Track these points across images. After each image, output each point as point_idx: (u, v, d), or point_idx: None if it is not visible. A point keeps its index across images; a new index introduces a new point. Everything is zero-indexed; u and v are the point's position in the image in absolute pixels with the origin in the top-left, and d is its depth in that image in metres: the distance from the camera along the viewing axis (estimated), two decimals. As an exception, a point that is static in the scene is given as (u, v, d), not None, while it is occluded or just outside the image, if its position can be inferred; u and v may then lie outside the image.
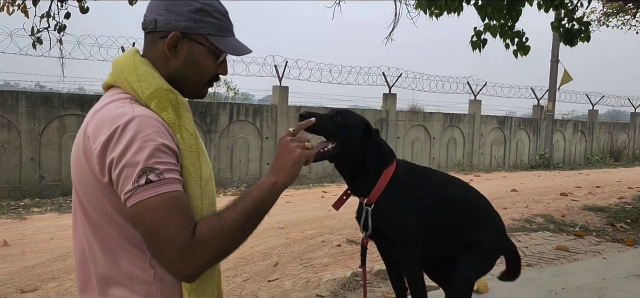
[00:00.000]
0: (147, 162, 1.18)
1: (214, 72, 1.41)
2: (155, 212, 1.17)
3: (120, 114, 1.23)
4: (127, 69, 1.32)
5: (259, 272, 5.12)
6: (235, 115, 13.07)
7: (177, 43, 1.33)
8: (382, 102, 16.02)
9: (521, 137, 19.32)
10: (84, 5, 7.71)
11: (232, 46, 1.40)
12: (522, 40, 6.56)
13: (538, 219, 8.01)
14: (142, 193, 1.17)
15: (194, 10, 1.33)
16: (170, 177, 1.20)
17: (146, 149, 1.19)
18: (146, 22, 1.36)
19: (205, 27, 1.35)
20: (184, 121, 1.33)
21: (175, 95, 1.33)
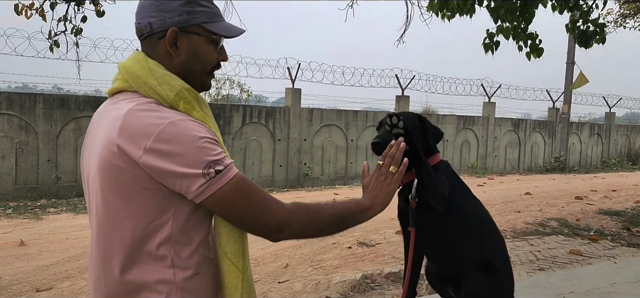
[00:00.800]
0: (208, 156, 1.25)
1: (215, 60, 1.44)
2: (238, 195, 1.28)
3: (160, 116, 1.25)
4: (144, 74, 1.34)
5: (270, 273, 5.15)
6: (248, 117, 13.14)
7: (176, 39, 1.35)
8: (395, 104, 15.99)
9: (536, 140, 19.13)
10: (100, 9, 7.83)
11: (227, 29, 1.43)
12: (536, 42, 6.51)
13: (552, 223, 7.93)
14: (216, 183, 1.25)
15: (184, 3, 1.35)
16: (230, 163, 1.29)
17: (202, 145, 1.25)
18: (141, 28, 1.38)
19: (199, 16, 1.37)
20: (209, 120, 1.38)
21: (195, 93, 1.37)
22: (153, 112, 1.27)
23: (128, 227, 1.28)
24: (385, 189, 1.57)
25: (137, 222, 1.28)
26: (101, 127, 1.33)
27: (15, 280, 4.97)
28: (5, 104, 10.10)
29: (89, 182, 1.38)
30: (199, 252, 1.35)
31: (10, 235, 6.63)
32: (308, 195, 10.47)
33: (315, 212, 1.40)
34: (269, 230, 1.34)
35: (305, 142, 13.85)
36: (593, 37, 7.07)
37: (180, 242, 1.31)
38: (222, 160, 1.27)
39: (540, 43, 6.58)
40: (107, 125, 1.30)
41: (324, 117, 14.32)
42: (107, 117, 1.32)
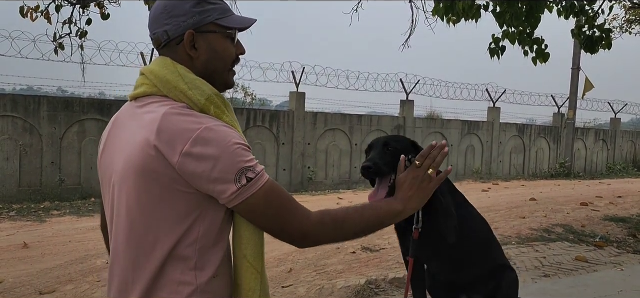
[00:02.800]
0: (242, 163, 1.26)
1: (234, 54, 1.45)
2: (268, 202, 1.30)
3: (196, 121, 1.27)
4: (174, 78, 1.35)
5: (273, 278, 5.12)
6: (252, 120, 13.13)
7: (193, 41, 1.37)
8: (400, 108, 15.96)
9: (541, 145, 19.06)
10: (105, 11, 7.84)
11: (240, 21, 1.45)
12: (541, 47, 6.49)
13: (557, 229, 7.88)
14: (248, 191, 1.27)
15: (194, 4, 1.37)
16: (261, 169, 1.31)
17: (236, 151, 1.26)
18: (157, 37, 1.39)
19: (211, 14, 1.39)
20: (236, 125, 1.39)
21: (223, 98, 1.39)
22: (189, 116, 1.29)
23: (162, 229, 1.30)
24: (421, 193, 1.55)
25: (171, 223, 1.29)
26: (130, 129, 1.34)
27: (18, 282, 4.96)
28: (10, 105, 10.13)
29: (112, 184, 1.37)
30: (220, 254, 1.36)
31: (14, 238, 6.63)
32: (312, 200, 10.44)
33: (343, 221, 1.41)
34: (292, 238, 1.36)
35: (309, 146, 13.83)
36: (599, 42, 7.04)
37: (205, 245, 1.33)
38: (254, 168, 1.28)
39: (546, 48, 6.56)
40: (141, 127, 1.30)
41: (328, 121, 14.30)
42: (139, 120, 1.33)
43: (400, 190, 1.55)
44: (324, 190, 12.97)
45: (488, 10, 6.26)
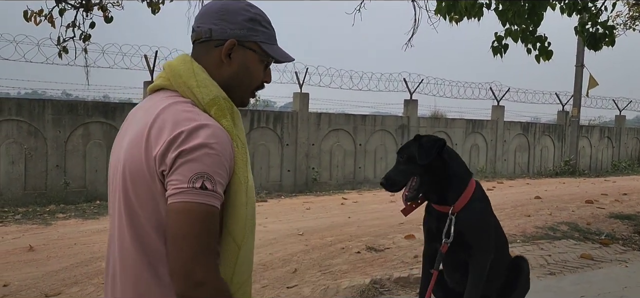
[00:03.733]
0: (209, 169, 1.22)
1: (261, 79, 1.48)
2: (195, 219, 1.20)
3: (188, 117, 1.27)
4: (186, 74, 1.36)
5: (278, 279, 5.12)
6: (256, 122, 13.15)
7: (231, 50, 1.39)
8: (404, 108, 15.94)
9: (546, 144, 18.99)
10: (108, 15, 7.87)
11: (280, 53, 1.48)
12: (545, 45, 6.47)
13: (562, 227, 7.85)
14: (194, 196, 1.20)
15: (247, 19, 1.40)
16: (219, 193, 1.24)
17: (212, 157, 1.23)
18: (200, 32, 1.40)
19: (258, 35, 1.42)
20: (239, 131, 1.39)
21: (230, 104, 1.38)
22: (188, 112, 1.29)
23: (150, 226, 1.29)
24: None
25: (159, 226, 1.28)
26: (137, 120, 1.36)
27: (24, 285, 4.99)
28: (15, 110, 10.18)
29: (116, 177, 1.37)
30: None
31: (19, 241, 6.66)
32: (316, 200, 10.45)
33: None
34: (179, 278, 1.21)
35: (313, 146, 13.84)
36: (602, 39, 7.02)
37: None
38: (215, 182, 1.22)
39: (549, 45, 6.54)
40: (142, 117, 1.33)
41: (332, 121, 14.30)
42: (145, 111, 1.35)
43: None
44: (329, 191, 12.96)
45: (490, 8, 6.25)
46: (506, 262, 2.79)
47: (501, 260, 2.72)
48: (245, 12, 1.40)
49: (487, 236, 2.56)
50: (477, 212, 2.52)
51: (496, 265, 2.63)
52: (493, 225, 2.64)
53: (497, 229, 2.71)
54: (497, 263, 2.64)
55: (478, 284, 2.54)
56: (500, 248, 2.70)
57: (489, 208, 2.65)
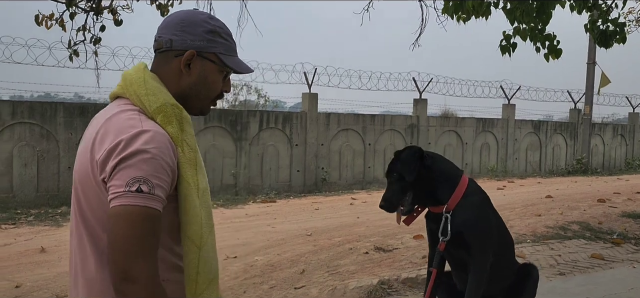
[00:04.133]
0: (145, 173, 1.26)
1: (220, 89, 1.52)
2: (133, 221, 1.24)
3: (130, 125, 1.31)
4: (136, 83, 1.41)
5: (286, 279, 5.14)
6: (265, 122, 13.18)
7: (191, 61, 1.44)
8: (413, 107, 15.90)
9: (557, 142, 18.83)
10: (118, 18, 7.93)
11: (238, 64, 1.52)
12: (554, 43, 6.40)
13: (573, 226, 7.78)
14: (130, 199, 1.24)
15: (207, 31, 1.45)
16: (158, 195, 1.27)
17: (149, 161, 1.27)
18: (161, 42, 1.46)
19: (217, 47, 1.47)
20: (187, 135, 1.40)
21: (180, 110, 1.41)
22: (130, 120, 1.33)
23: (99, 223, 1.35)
24: None
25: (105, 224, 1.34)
26: (92, 126, 1.43)
27: (36, 286, 5.05)
28: (27, 113, 10.31)
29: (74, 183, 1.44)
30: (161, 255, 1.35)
31: (32, 242, 6.75)
32: (325, 200, 10.45)
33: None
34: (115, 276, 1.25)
35: (322, 146, 13.84)
36: (613, 36, 6.93)
37: None
38: (153, 185, 1.26)
39: (558, 44, 6.47)
40: (95, 124, 1.40)
41: (341, 121, 14.30)
42: (99, 116, 1.42)
43: None
44: (338, 191, 12.96)
45: (498, 7, 6.20)
46: (512, 262, 2.77)
47: (505, 258, 2.70)
48: (205, 24, 1.46)
49: (486, 232, 2.54)
50: (473, 207, 2.52)
51: (500, 264, 2.62)
52: (492, 218, 2.62)
53: (499, 226, 2.69)
54: (501, 262, 2.63)
55: (479, 284, 2.53)
56: (503, 244, 2.68)
57: (486, 202, 2.62)
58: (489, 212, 2.60)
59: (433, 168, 2.55)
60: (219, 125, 12.56)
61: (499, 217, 2.71)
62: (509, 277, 2.73)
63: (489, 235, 2.54)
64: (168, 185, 1.31)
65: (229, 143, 12.67)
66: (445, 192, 2.53)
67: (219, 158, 12.51)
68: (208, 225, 1.42)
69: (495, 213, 2.67)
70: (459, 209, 2.50)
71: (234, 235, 6.92)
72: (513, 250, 2.81)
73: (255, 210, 9.30)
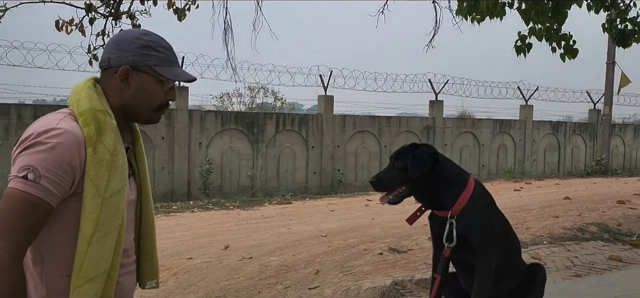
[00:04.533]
0: (38, 163, 1.38)
1: (163, 99, 1.62)
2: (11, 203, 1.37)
3: (46, 123, 1.45)
4: (75, 92, 1.55)
5: (300, 280, 5.18)
6: (282, 125, 13.27)
7: (128, 75, 1.56)
8: (429, 109, 15.85)
9: (577, 143, 18.59)
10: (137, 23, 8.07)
11: (175, 74, 1.61)
12: (570, 43, 6.36)
13: (591, 228, 7.69)
14: (15, 182, 1.38)
15: (140, 46, 1.56)
16: (44, 185, 1.38)
17: (44, 153, 1.39)
18: (102, 60, 1.60)
19: (151, 60, 1.57)
20: (105, 138, 1.48)
21: (104, 116, 1.51)
22: (49, 119, 1.46)
23: None
24: None
25: None
26: None
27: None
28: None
29: None
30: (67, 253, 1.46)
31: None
32: (341, 202, 10.48)
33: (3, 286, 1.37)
34: None
35: (338, 148, 13.88)
36: (632, 36, 6.86)
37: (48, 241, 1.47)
38: (38, 174, 1.37)
39: (574, 44, 6.42)
40: None
41: (356, 123, 14.32)
42: None
43: None
44: (354, 192, 12.98)
45: (513, 7, 6.18)
46: (518, 263, 2.76)
47: (511, 258, 2.70)
48: (138, 40, 1.56)
49: (490, 235, 2.53)
50: (478, 212, 2.50)
51: (506, 265, 2.62)
52: (498, 222, 2.60)
53: (503, 228, 2.68)
54: (507, 263, 2.63)
55: (484, 285, 2.53)
56: (507, 245, 2.68)
57: (492, 207, 2.60)
58: (493, 215, 2.58)
59: (441, 174, 2.53)
60: (236, 127, 12.68)
61: (505, 219, 2.71)
62: (516, 277, 2.73)
63: (493, 237, 2.53)
64: (65, 180, 1.41)
65: (246, 145, 12.78)
66: (450, 197, 2.51)
67: (235, 160, 12.63)
68: (107, 225, 1.48)
69: (500, 215, 2.66)
70: (463, 215, 2.47)
71: (250, 236, 6.99)
72: (519, 251, 2.80)
73: (271, 212, 9.37)
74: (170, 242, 6.49)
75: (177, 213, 9.29)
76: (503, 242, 2.61)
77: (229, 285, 4.97)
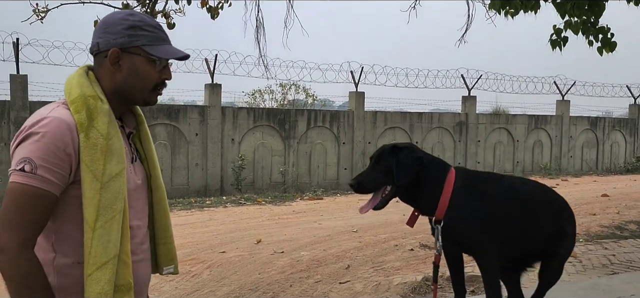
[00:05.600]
0: (32, 154, 1.40)
1: (158, 78, 1.60)
2: (13, 196, 1.40)
3: (38, 113, 1.48)
4: (67, 82, 1.57)
5: (331, 274, 5.23)
6: (313, 121, 13.33)
7: (118, 58, 1.54)
8: (461, 105, 15.65)
9: (616, 139, 18.04)
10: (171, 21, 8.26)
11: (165, 52, 1.59)
12: (607, 37, 6.18)
13: (630, 226, 7.50)
14: (14, 177, 1.40)
15: (127, 27, 1.54)
16: (42, 175, 1.40)
17: (35, 143, 1.41)
18: (92, 47, 1.59)
19: (139, 40, 1.54)
20: (97, 123, 1.48)
21: (95, 101, 1.51)
22: (43, 109, 1.49)
23: None
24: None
25: None
26: None
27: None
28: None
29: None
30: (76, 241, 1.48)
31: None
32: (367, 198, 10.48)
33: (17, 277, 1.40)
34: None
35: (369, 145, 13.86)
36: (674, 28, 6.62)
37: (56, 230, 1.49)
38: (34, 164, 1.39)
39: (612, 37, 6.24)
40: None
41: (387, 119, 14.27)
42: None
43: None
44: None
45: (548, 1, 6.06)
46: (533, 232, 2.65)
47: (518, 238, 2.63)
48: (124, 22, 1.54)
49: (480, 229, 2.39)
50: (461, 210, 2.37)
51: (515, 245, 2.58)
52: (485, 210, 2.42)
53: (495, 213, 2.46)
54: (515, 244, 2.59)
55: (492, 276, 2.47)
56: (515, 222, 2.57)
57: (474, 196, 2.43)
58: (480, 206, 2.43)
59: (420, 177, 2.41)
60: (268, 123, 12.81)
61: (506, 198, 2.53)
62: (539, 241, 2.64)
63: (485, 230, 2.41)
64: (62, 167, 1.43)
65: (278, 141, 12.90)
66: (432, 200, 2.40)
67: (268, 156, 12.77)
68: (109, 210, 1.47)
69: (492, 199, 2.48)
70: (447, 218, 2.38)
71: (281, 231, 7.08)
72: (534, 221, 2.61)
73: (302, 207, 9.45)
74: (205, 236, 6.63)
75: (210, 208, 9.48)
76: (501, 226, 2.47)
77: (261, 279, 5.06)
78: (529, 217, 2.61)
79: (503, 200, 2.55)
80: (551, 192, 2.81)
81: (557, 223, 2.66)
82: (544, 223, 2.65)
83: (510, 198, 2.58)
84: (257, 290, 4.76)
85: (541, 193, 2.74)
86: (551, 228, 2.65)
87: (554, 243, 2.64)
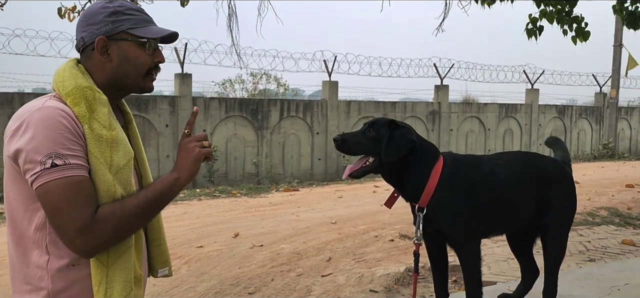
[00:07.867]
0: (54, 147, 1.32)
1: (150, 62, 1.55)
2: (59, 193, 1.32)
3: (32, 105, 1.40)
4: (58, 74, 1.50)
5: (313, 267, 5.16)
6: (286, 111, 13.20)
7: (107, 47, 1.49)
8: (434, 93, 15.75)
9: (583, 127, 18.50)
10: (140, 9, 8.01)
11: (151, 31, 1.54)
12: (581, 26, 6.28)
13: (602, 212, 7.66)
14: (48, 175, 1.32)
15: (108, 14, 1.49)
16: (74, 163, 1.35)
17: (52, 135, 1.33)
18: (77, 43, 1.54)
19: (124, 24, 1.50)
20: (98, 114, 1.43)
21: (93, 92, 1.45)
22: (35, 102, 1.42)
23: (18, 212, 1.41)
24: (189, 159, 1.51)
25: (20, 205, 1.40)
26: None
27: None
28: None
29: None
30: None
31: None
32: (348, 189, 10.45)
33: (122, 208, 1.39)
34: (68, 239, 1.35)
35: (343, 134, 13.82)
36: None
37: (50, 230, 1.39)
38: (65, 156, 1.33)
39: (586, 26, 6.34)
40: None
41: (361, 109, 14.25)
42: None
43: (176, 159, 1.54)
44: (361, 179, 12.94)
45: (525, -11, 6.09)
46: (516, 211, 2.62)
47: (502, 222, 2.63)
48: (104, 10, 1.50)
49: (463, 219, 2.34)
50: (445, 201, 2.31)
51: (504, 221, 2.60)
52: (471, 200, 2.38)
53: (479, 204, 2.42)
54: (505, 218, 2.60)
55: (472, 277, 2.44)
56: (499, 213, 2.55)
57: (460, 186, 2.38)
58: (464, 196, 2.37)
59: (408, 160, 2.33)
60: (240, 114, 12.62)
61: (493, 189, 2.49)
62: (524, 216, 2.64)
63: (467, 221, 2.36)
64: (82, 154, 1.37)
65: (251, 132, 12.73)
66: (417, 184, 2.33)
67: (240, 147, 12.59)
68: None
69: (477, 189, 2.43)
70: (431, 206, 2.32)
71: (259, 224, 6.96)
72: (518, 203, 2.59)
73: (278, 199, 9.34)
74: (180, 230, 6.46)
75: (184, 201, 9.27)
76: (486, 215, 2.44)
77: (242, 273, 4.95)
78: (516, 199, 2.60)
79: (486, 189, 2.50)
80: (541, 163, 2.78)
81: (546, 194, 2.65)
82: (532, 200, 2.64)
83: (494, 183, 2.53)
84: (238, 285, 4.65)
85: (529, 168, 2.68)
86: (541, 201, 2.64)
87: (547, 214, 2.64)
